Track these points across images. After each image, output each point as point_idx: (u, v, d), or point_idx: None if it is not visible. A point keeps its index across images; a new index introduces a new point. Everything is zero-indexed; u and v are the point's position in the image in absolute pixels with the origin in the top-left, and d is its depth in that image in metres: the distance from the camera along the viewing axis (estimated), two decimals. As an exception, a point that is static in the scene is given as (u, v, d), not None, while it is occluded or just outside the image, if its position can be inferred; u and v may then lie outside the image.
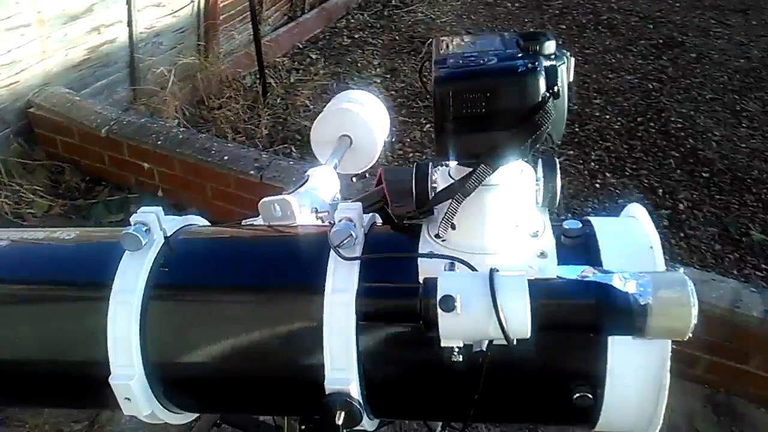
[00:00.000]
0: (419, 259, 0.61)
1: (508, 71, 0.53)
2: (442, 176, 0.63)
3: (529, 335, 0.47)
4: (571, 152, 3.16)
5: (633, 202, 0.66)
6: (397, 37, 4.32)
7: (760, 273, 2.47)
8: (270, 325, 0.63)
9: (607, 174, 3.05)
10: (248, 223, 0.88)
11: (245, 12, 3.63)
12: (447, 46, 0.60)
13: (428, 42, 4.15)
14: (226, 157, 2.38)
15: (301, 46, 4.18)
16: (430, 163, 0.66)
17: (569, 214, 2.61)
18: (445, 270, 0.54)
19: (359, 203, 0.65)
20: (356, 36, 4.36)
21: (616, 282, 0.46)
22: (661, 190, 2.92)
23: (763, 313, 1.68)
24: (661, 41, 4.37)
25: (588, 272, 0.49)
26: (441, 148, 0.57)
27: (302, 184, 0.91)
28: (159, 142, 2.48)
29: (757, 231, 2.68)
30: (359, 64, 4.01)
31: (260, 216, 0.82)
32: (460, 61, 0.55)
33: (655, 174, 3.05)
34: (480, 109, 0.53)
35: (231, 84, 3.42)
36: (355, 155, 1.15)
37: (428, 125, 3.40)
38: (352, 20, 4.56)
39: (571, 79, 0.57)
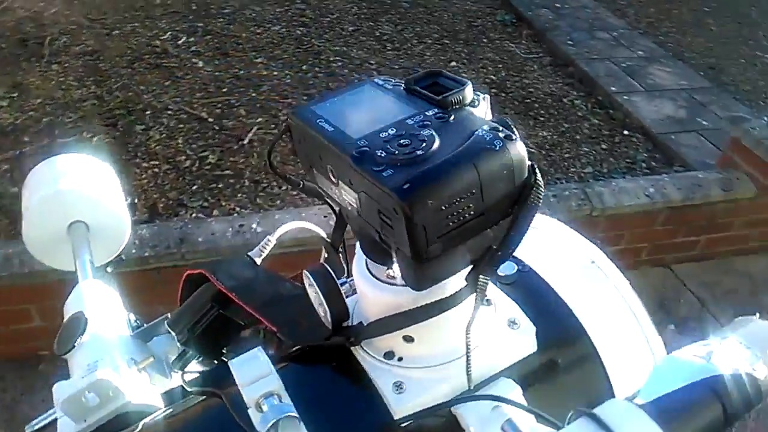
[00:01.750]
0: None
1: (487, 152, 0.39)
2: (371, 286, 0.48)
3: None
4: (260, 119, 3.06)
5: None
6: (3, 45, 3.53)
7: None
8: None
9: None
10: (38, 429, 0.59)
11: None
12: (332, 125, 0.44)
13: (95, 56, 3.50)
14: None
15: None
16: (327, 268, 0.50)
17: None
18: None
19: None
20: (-55, 55, 3.44)
21: (721, 363, 0.40)
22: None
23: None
24: (286, -15, 4.44)
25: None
26: (426, 277, 0.42)
27: (82, 332, 0.63)
28: None
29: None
30: (-33, 89, 3.19)
31: (58, 413, 0.55)
32: (395, 151, 0.40)
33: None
34: (468, 213, 0.40)
35: None
36: (100, 241, 0.88)
37: (93, 136, 2.92)
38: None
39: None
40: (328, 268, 0.49)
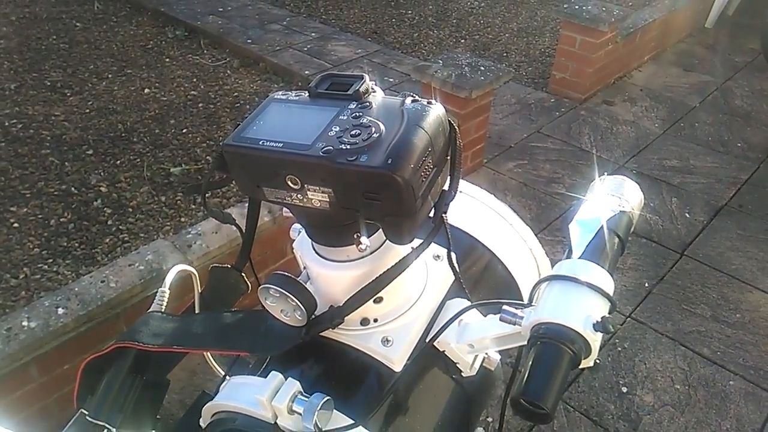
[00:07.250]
0: None
1: (426, 116, 0.47)
2: (335, 269, 0.54)
3: None
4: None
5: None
6: None
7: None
8: None
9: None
10: None
11: None
12: (277, 141, 0.47)
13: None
14: None
15: None
16: (281, 274, 0.51)
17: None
18: None
19: None
20: None
21: (605, 211, 0.59)
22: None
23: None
24: None
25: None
26: (414, 230, 0.49)
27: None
28: None
29: (176, 167, 2.88)
30: None
31: None
32: (354, 141, 0.45)
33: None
34: (430, 168, 0.47)
35: None
36: None
37: None
38: None
39: None
40: (285, 273, 0.51)
